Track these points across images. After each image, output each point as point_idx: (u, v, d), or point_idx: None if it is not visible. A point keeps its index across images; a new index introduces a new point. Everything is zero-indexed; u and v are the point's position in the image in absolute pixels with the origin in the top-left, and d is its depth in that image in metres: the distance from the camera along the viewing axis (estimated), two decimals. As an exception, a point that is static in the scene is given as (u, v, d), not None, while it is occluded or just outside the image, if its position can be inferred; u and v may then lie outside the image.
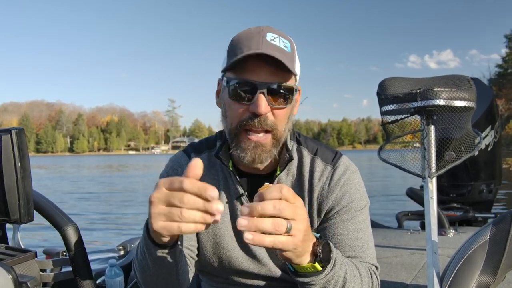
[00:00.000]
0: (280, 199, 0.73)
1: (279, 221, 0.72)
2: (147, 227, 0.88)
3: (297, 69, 1.07)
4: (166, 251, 0.90)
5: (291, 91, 1.04)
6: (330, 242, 0.90)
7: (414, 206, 4.99)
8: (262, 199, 0.73)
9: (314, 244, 0.84)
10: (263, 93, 1.00)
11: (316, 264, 0.85)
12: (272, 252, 1.17)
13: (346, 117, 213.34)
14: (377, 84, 1.94)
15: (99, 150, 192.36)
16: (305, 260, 0.83)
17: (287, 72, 1.01)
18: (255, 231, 0.71)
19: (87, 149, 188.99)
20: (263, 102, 0.99)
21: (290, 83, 1.04)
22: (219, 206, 0.72)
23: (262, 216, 0.71)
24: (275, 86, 1.01)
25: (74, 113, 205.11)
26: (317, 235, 0.87)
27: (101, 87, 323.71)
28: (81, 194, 16.54)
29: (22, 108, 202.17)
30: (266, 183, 0.80)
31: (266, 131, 1.04)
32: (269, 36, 1.02)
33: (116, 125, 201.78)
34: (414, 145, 2.04)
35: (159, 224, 0.74)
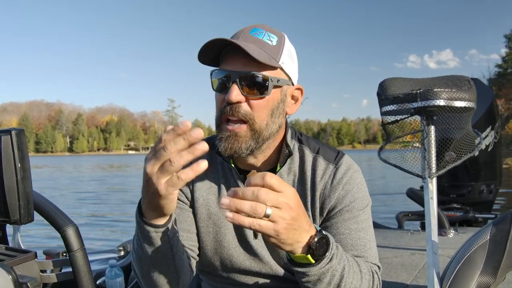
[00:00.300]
0: (263, 186, 0.75)
1: (258, 205, 0.74)
2: (140, 209, 0.91)
3: (286, 64, 1.08)
4: (160, 229, 0.91)
5: (265, 81, 1.04)
6: (330, 237, 0.90)
7: (415, 207, 4.99)
8: (248, 185, 0.76)
9: (311, 236, 0.83)
10: (235, 82, 1.02)
11: (309, 256, 0.85)
12: (274, 250, 1.17)
13: (346, 117, 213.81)
14: (377, 84, 1.94)
15: (98, 150, 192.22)
16: (297, 249, 0.83)
17: (267, 63, 1.02)
18: (236, 212, 0.73)
19: (86, 149, 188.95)
20: (234, 91, 1.02)
21: (268, 73, 1.04)
22: (199, 132, 0.74)
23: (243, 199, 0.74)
24: (247, 75, 1.03)
25: (73, 113, 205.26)
26: (318, 228, 0.87)
27: (100, 87, 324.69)
28: (81, 194, 16.53)
29: (21, 108, 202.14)
30: (253, 170, 0.83)
31: (242, 122, 1.05)
32: (254, 31, 1.07)
33: (116, 125, 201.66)
34: (414, 145, 2.04)
35: (162, 186, 0.77)
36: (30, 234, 7.65)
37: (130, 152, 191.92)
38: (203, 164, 0.75)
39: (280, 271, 1.18)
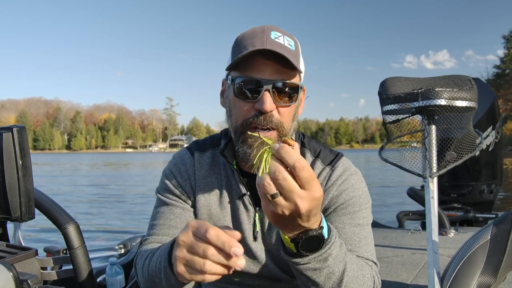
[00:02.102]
0: (292, 166, 0.70)
1: (270, 186, 0.71)
2: (170, 254, 0.87)
3: (302, 67, 1.07)
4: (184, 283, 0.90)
5: (296, 89, 1.04)
6: (333, 237, 0.87)
7: (415, 206, 4.99)
8: (277, 154, 0.71)
9: (304, 230, 0.80)
10: (268, 90, 1.00)
11: (292, 245, 0.83)
12: (273, 253, 1.17)
13: (344, 117, 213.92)
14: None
15: (96, 147, 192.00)
16: (285, 233, 0.82)
17: (292, 70, 1.02)
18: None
19: (84, 146, 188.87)
20: (268, 100, 1.00)
21: (295, 80, 1.05)
22: (242, 262, 0.73)
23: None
24: (280, 84, 1.01)
25: (71, 110, 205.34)
26: (324, 225, 0.84)
27: (99, 84, 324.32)
28: (81, 192, 16.55)
29: (19, 105, 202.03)
30: (288, 138, 0.76)
31: (271, 129, 1.04)
32: (274, 34, 1.03)
33: (114, 123, 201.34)
34: (415, 145, 2.04)
35: (181, 268, 0.76)
36: (31, 231, 7.67)
37: (128, 150, 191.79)
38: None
39: (279, 273, 1.18)
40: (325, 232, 0.84)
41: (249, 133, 1.01)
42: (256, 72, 1.01)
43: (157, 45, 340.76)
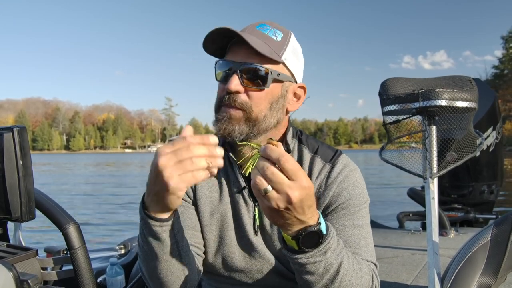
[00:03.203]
0: (277, 161, 0.77)
1: (259, 180, 0.77)
2: (143, 204, 0.91)
3: (289, 60, 1.10)
4: (164, 223, 0.91)
5: (265, 74, 1.06)
6: (330, 231, 0.89)
7: (415, 207, 4.99)
8: (263, 154, 0.78)
9: (304, 227, 0.83)
10: (236, 72, 1.06)
11: (294, 242, 0.86)
12: (275, 248, 1.17)
13: (342, 117, 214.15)
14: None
15: (95, 148, 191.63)
16: (285, 231, 0.85)
17: (270, 58, 1.04)
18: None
19: (83, 147, 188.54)
20: (234, 80, 1.06)
21: (270, 67, 1.07)
22: (220, 150, 0.80)
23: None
24: (248, 66, 1.06)
25: (70, 110, 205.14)
26: (321, 220, 0.86)
27: (98, 84, 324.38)
28: (81, 192, 16.56)
29: (18, 105, 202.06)
30: (271, 139, 0.82)
31: (238, 109, 1.08)
32: (261, 26, 1.10)
33: (113, 123, 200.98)
34: (415, 145, 2.04)
35: (175, 180, 0.78)
36: (31, 231, 7.67)
37: (127, 150, 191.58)
38: (215, 170, 0.80)
39: (281, 268, 1.18)
40: (323, 228, 0.86)
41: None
42: (231, 57, 1.09)
43: (156, 45, 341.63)
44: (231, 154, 1.18)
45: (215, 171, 0.80)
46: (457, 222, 4.65)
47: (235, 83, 1.05)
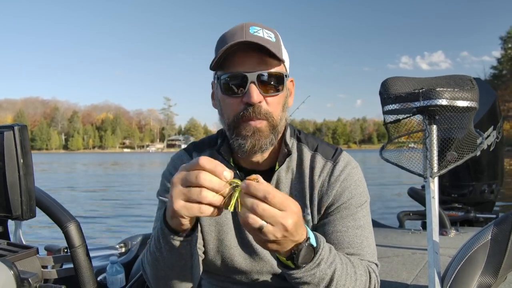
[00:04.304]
0: (264, 199, 0.76)
1: (253, 218, 0.76)
2: (164, 214, 0.90)
3: (285, 57, 1.10)
4: (183, 239, 0.91)
5: (281, 78, 1.06)
6: (321, 242, 0.90)
7: (416, 206, 4.98)
8: (247, 191, 0.76)
9: (296, 245, 0.84)
10: (253, 82, 1.02)
11: (289, 262, 0.87)
12: None
13: (341, 117, 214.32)
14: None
15: (93, 147, 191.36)
16: (280, 253, 0.86)
17: (275, 60, 1.03)
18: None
19: (81, 146, 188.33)
20: (255, 91, 1.02)
21: (279, 70, 1.06)
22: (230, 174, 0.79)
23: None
24: (264, 74, 1.03)
25: (69, 110, 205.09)
26: (310, 234, 0.87)
27: (96, 84, 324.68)
28: (82, 191, 16.56)
29: (17, 105, 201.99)
30: (254, 175, 0.81)
31: (262, 119, 1.06)
32: (252, 29, 1.06)
33: (111, 123, 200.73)
34: (416, 144, 2.03)
35: (179, 204, 0.78)
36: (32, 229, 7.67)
37: (126, 150, 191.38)
38: (218, 213, 0.80)
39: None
40: (313, 241, 0.88)
41: None
42: (240, 66, 1.03)
43: (155, 45, 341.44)
44: (232, 164, 1.17)
45: (219, 212, 0.79)
46: (458, 222, 4.64)
47: (256, 94, 1.02)
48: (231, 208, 0.78)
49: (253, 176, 0.80)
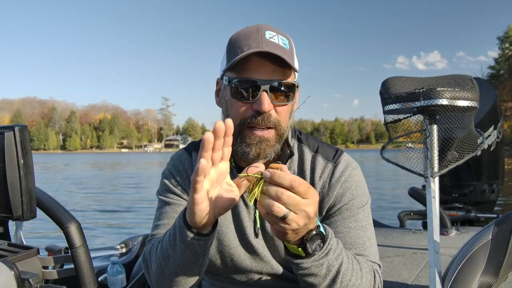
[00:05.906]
0: (289, 188, 0.76)
1: (277, 206, 0.76)
2: (184, 213, 0.91)
3: (297, 65, 1.08)
4: (202, 237, 0.91)
5: (292, 88, 1.05)
6: (329, 232, 0.91)
7: (416, 206, 4.98)
8: (271, 180, 0.77)
9: (307, 232, 0.84)
10: (266, 91, 1.01)
11: (300, 250, 0.87)
12: (275, 249, 1.17)
13: (338, 117, 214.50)
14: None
15: (91, 147, 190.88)
16: (292, 241, 0.85)
17: (288, 69, 1.03)
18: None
19: (79, 146, 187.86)
20: (266, 100, 1.01)
21: (291, 79, 1.05)
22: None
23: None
24: (276, 84, 1.02)
25: (66, 110, 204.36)
26: (318, 223, 0.88)
27: (94, 84, 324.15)
28: (82, 191, 16.57)
29: (14, 105, 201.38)
30: (277, 163, 0.81)
31: (269, 127, 1.05)
32: (268, 34, 1.04)
33: (109, 123, 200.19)
34: (415, 144, 2.03)
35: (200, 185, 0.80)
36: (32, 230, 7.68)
37: (123, 150, 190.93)
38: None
39: (280, 269, 1.18)
40: (322, 229, 0.88)
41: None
42: (253, 73, 1.02)
43: (154, 45, 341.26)
44: (233, 164, 1.16)
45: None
46: (458, 221, 4.64)
47: (267, 103, 1.01)
48: (251, 199, 0.78)
49: (276, 164, 0.80)
